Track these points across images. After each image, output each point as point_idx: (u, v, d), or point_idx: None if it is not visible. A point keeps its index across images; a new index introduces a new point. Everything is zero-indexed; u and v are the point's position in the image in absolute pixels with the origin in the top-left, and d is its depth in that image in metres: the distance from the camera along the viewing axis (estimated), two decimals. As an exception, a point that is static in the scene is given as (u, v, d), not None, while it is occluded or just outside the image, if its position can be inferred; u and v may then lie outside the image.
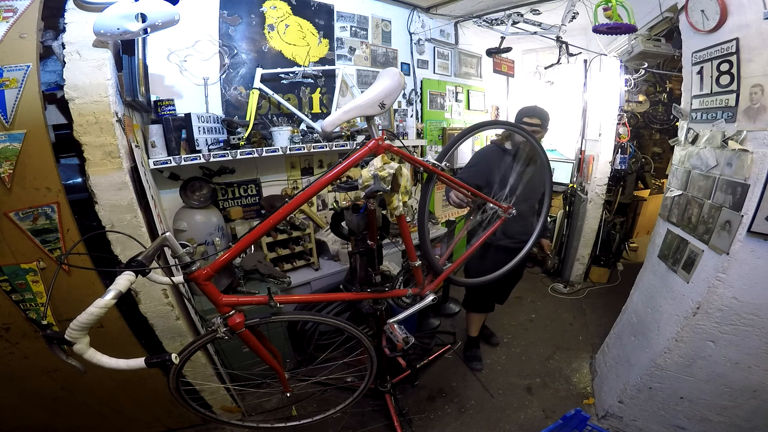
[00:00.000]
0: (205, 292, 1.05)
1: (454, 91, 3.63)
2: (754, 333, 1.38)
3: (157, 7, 1.39)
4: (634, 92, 3.33)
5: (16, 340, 1.41)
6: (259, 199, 2.47)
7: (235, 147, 2.10)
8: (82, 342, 0.81)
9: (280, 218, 1.12)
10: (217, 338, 1.12)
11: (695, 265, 1.51)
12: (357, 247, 1.66)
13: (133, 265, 0.87)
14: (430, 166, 1.32)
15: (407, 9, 3.08)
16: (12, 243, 1.29)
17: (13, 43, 1.23)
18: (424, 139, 3.34)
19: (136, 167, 1.52)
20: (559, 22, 2.58)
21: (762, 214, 1.24)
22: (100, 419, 1.72)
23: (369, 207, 1.41)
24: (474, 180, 1.89)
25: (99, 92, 1.34)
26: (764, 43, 1.26)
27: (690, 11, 1.56)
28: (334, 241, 2.62)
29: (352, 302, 2.08)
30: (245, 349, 1.26)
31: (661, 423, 1.72)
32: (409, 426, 1.96)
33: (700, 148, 1.56)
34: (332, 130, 1.19)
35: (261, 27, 2.32)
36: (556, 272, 3.79)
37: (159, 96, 1.97)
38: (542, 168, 1.90)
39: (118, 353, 0.87)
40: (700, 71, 1.55)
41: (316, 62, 2.58)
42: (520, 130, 1.74)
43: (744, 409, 1.50)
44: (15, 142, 1.22)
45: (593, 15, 2.02)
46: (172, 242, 0.96)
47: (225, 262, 1.08)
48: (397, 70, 1.20)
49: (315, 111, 2.61)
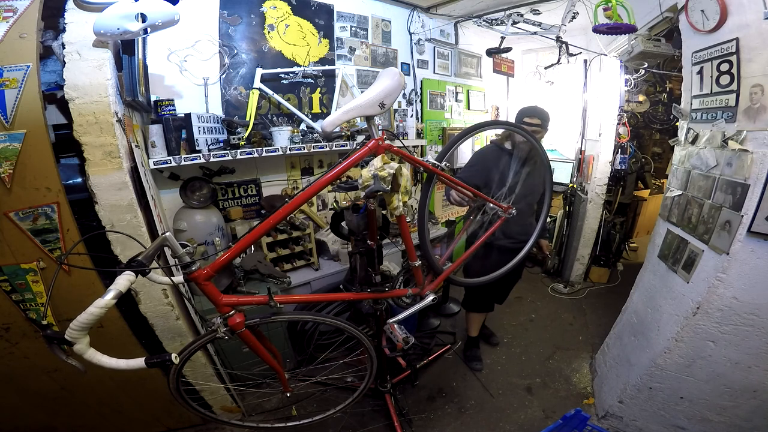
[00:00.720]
0: (205, 292, 1.05)
1: (454, 91, 3.63)
2: (754, 333, 1.37)
3: (157, 7, 1.39)
4: (634, 92, 3.33)
5: (16, 340, 1.41)
6: (259, 199, 2.47)
7: (235, 147, 2.10)
8: (82, 342, 0.81)
9: (281, 218, 1.12)
10: (217, 338, 1.12)
11: (695, 265, 1.51)
12: (357, 247, 1.66)
13: (133, 265, 0.87)
14: (430, 166, 1.32)
15: (407, 9, 3.08)
16: (12, 243, 1.29)
17: (13, 43, 1.23)
18: (424, 139, 3.34)
19: (136, 167, 1.52)
20: (559, 22, 2.58)
21: (762, 214, 1.24)
22: (100, 419, 1.72)
23: (369, 207, 1.41)
24: (473, 180, 1.89)
25: (99, 92, 1.34)
26: (764, 43, 1.26)
27: (690, 11, 1.56)
28: (334, 241, 2.62)
29: (352, 302, 2.08)
30: (245, 348, 1.26)
31: (661, 423, 1.72)
32: (409, 426, 1.96)
33: (700, 148, 1.56)
34: (332, 130, 1.19)
35: (261, 27, 2.32)
36: (556, 272, 3.79)
37: (159, 96, 1.97)
38: (542, 168, 1.90)
39: (118, 353, 0.87)
40: (700, 71, 1.55)
41: (316, 62, 2.58)
42: (520, 130, 1.74)
43: (744, 409, 1.50)
44: (15, 142, 1.22)
45: (593, 15, 2.02)
46: (172, 242, 0.96)
47: (225, 262, 1.08)
48: (397, 70, 1.20)
49: (315, 111, 2.61)
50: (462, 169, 2.16)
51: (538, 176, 1.98)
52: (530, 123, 1.97)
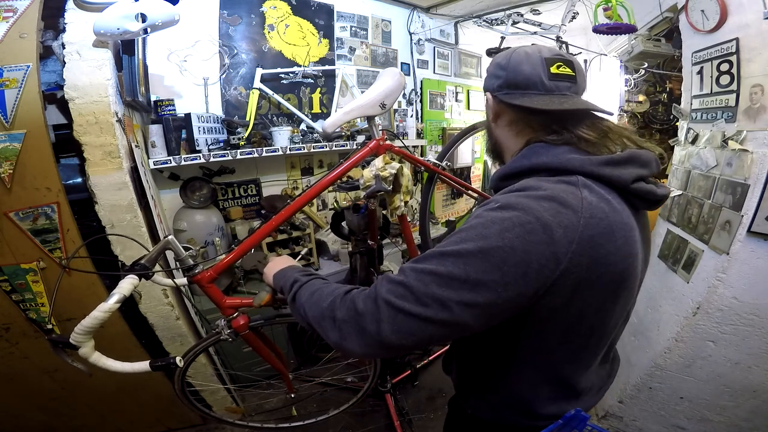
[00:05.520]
0: (208, 295, 1.05)
1: (454, 91, 3.63)
2: (754, 333, 1.38)
3: (157, 7, 1.39)
4: (634, 92, 3.33)
5: (16, 340, 1.41)
6: (259, 199, 2.47)
7: (235, 147, 2.10)
8: (87, 346, 0.81)
9: (283, 220, 1.12)
10: (221, 340, 1.12)
11: (695, 265, 1.51)
12: (357, 247, 1.66)
13: (136, 268, 0.87)
14: (431, 166, 1.32)
15: (407, 9, 3.08)
16: (12, 243, 1.29)
17: (13, 43, 1.23)
18: (424, 139, 3.33)
19: (136, 167, 1.52)
20: (559, 22, 2.58)
21: (762, 214, 1.24)
22: (100, 419, 1.72)
23: (370, 207, 1.41)
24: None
25: (99, 92, 1.34)
26: (764, 43, 1.26)
27: (690, 11, 1.56)
28: (334, 241, 2.62)
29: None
30: (245, 348, 1.26)
31: (661, 423, 1.72)
32: (409, 426, 1.96)
33: (700, 148, 1.56)
34: (333, 131, 1.20)
35: (261, 27, 2.32)
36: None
37: (159, 96, 1.97)
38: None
39: (119, 353, 0.87)
40: (700, 71, 1.55)
41: (316, 62, 2.58)
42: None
43: (744, 409, 1.50)
44: (15, 142, 1.22)
45: (593, 15, 2.02)
46: (175, 246, 0.97)
47: (228, 265, 1.08)
48: (398, 70, 1.21)
49: (315, 111, 2.61)
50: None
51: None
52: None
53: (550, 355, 0.66)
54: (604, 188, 0.60)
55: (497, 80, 0.70)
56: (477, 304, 0.53)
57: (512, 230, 0.53)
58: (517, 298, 0.54)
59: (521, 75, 0.66)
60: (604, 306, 0.62)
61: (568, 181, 0.59)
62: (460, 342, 0.80)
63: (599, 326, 0.65)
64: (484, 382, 0.75)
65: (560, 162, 0.62)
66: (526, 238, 0.53)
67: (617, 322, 0.70)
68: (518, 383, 0.70)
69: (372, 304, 0.57)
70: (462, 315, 0.53)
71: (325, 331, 0.62)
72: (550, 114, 0.65)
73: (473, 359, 0.77)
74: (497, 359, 0.70)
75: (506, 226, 0.54)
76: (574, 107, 0.65)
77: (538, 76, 0.65)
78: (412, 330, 0.54)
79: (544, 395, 0.70)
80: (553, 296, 0.56)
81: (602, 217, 0.57)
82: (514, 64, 0.68)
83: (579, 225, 0.55)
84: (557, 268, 0.54)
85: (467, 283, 0.53)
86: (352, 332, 0.58)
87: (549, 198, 0.56)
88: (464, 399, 0.81)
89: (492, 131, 0.77)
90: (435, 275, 0.54)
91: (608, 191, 0.60)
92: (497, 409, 0.74)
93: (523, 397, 0.70)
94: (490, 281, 0.53)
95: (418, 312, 0.54)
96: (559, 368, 0.67)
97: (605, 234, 0.57)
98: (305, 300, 0.69)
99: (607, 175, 0.60)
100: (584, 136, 0.63)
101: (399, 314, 0.55)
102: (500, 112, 0.73)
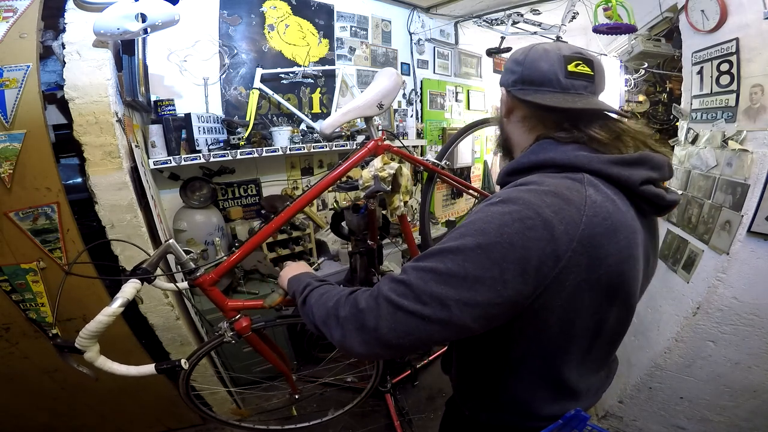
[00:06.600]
0: (210, 298, 1.05)
1: (454, 91, 3.63)
2: (754, 333, 1.37)
3: (157, 7, 1.39)
4: (634, 92, 3.32)
5: (16, 340, 1.41)
6: (259, 199, 2.47)
7: (235, 147, 2.10)
8: (92, 350, 0.81)
9: (284, 221, 1.12)
10: (224, 342, 1.13)
11: (695, 265, 1.51)
12: (357, 247, 1.66)
13: (138, 272, 0.88)
14: (430, 165, 1.32)
15: (407, 9, 3.08)
16: (12, 243, 1.29)
17: (13, 43, 1.23)
18: (424, 139, 3.34)
19: (136, 167, 1.52)
20: (559, 22, 2.57)
21: (762, 214, 1.24)
22: (100, 419, 1.72)
23: (369, 207, 1.41)
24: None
25: (99, 92, 1.34)
26: (764, 43, 1.26)
27: (690, 11, 1.56)
28: (334, 241, 2.62)
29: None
30: (245, 348, 1.26)
31: (661, 423, 1.72)
32: (409, 426, 1.96)
33: (700, 148, 1.56)
34: (331, 132, 1.20)
35: (261, 27, 2.32)
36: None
37: (159, 96, 1.97)
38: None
39: (119, 354, 0.88)
40: (700, 71, 1.55)
41: (316, 62, 2.58)
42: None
43: (744, 409, 1.50)
44: (15, 142, 1.22)
45: (593, 15, 2.02)
46: (176, 249, 0.97)
47: (230, 267, 1.08)
48: (394, 70, 1.20)
49: (315, 111, 2.61)
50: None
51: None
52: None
53: (548, 357, 0.65)
54: (611, 188, 0.59)
55: (512, 75, 0.69)
56: (477, 304, 0.52)
57: (511, 225, 0.52)
58: (516, 297, 0.54)
59: (537, 71, 0.65)
60: (601, 308, 0.61)
61: (573, 177, 0.59)
62: (459, 342, 0.79)
63: (597, 328, 0.64)
64: (482, 383, 0.74)
65: (567, 158, 0.61)
66: (526, 234, 0.52)
67: (616, 325, 0.69)
68: (516, 385, 0.69)
69: (373, 301, 0.57)
70: (461, 315, 0.53)
71: (330, 330, 0.62)
72: (562, 112, 0.64)
73: (471, 361, 0.76)
74: (495, 360, 0.69)
75: (506, 221, 0.53)
76: (587, 107, 0.63)
77: (554, 74, 0.63)
78: (410, 329, 0.54)
79: (543, 396, 0.69)
80: (550, 296, 0.55)
81: (605, 216, 0.56)
82: (530, 60, 0.66)
83: (581, 223, 0.54)
84: (556, 266, 0.53)
85: (466, 280, 0.52)
86: (352, 329, 0.58)
87: (551, 193, 0.55)
88: (462, 400, 0.80)
89: (504, 126, 0.76)
90: (434, 273, 0.54)
91: (615, 192, 0.59)
92: (495, 411, 0.73)
93: (522, 398, 0.69)
94: (488, 278, 0.52)
95: (417, 310, 0.53)
96: (558, 369, 0.66)
97: (607, 234, 0.55)
98: (314, 302, 0.70)
99: (615, 174, 0.59)
100: (595, 135, 0.62)
101: (398, 312, 0.54)
102: (513, 107, 0.72)
